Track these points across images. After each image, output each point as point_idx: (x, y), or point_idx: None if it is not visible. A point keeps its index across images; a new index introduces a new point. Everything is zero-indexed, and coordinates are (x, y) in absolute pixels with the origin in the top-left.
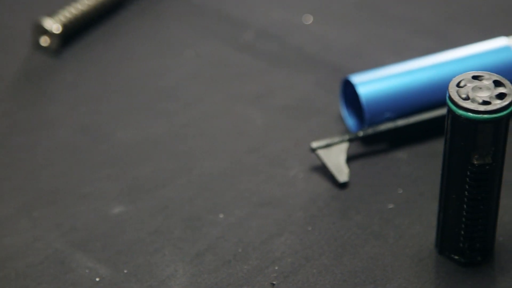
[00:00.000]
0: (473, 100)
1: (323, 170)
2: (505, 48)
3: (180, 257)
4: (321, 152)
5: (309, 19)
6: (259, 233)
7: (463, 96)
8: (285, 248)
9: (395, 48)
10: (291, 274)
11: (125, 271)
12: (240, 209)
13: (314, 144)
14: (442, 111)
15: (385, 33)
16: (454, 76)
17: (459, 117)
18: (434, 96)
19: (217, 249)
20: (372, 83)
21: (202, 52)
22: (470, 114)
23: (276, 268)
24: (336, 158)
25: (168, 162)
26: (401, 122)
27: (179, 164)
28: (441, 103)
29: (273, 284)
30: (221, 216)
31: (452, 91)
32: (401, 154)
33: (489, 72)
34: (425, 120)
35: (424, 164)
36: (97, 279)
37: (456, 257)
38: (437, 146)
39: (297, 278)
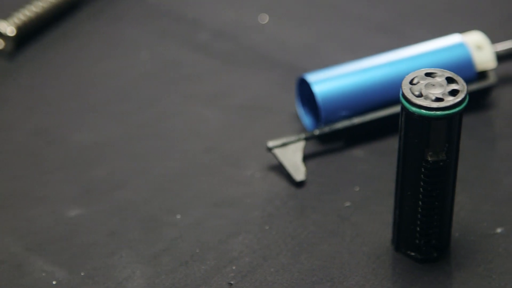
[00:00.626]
0: (426, 97)
1: (280, 169)
2: (459, 45)
3: (137, 259)
4: (277, 151)
5: (264, 19)
6: (216, 233)
7: (416, 93)
8: (242, 247)
9: (351, 46)
10: (249, 273)
11: (82, 274)
12: (197, 210)
13: (271, 143)
14: (398, 109)
15: (341, 31)
16: (409, 74)
17: (412, 114)
18: (389, 93)
19: (174, 250)
20: (327, 82)
21: (157, 52)
22: (423, 111)
23: (234, 267)
24: (292, 157)
25: (124, 163)
26: (357, 120)
27: (135, 166)
28: (396, 101)
29: (231, 284)
30: (178, 216)
31: (405, 88)
32: (358, 152)
33: (442, 69)
34: (381, 118)
35: (381, 161)
36: (54, 282)
37: (413, 254)
38: (393, 143)
39: (255, 277)
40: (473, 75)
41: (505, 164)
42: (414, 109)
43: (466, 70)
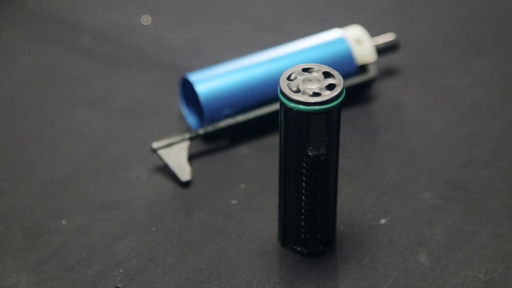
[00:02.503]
0: (304, 92)
1: (166, 170)
2: (339, 40)
3: (23, 267)
4: (162, 152)
5: (147, 20)
6: (102, 237)
7: (294, 89)
8: (129, 250)
9: (234, 44)
10: (136, 276)
11: None
12: (82, 214)
13: (155, 145)
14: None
15: (223, 29)
16: (286, 70)
17: (291, 109)
18: (272, 90)
19: (60, 256)
20: (210, 81)
21: (38, 57)
22: (301, 106)
23: (121, 271)
24: (177, 157)
25: (6, 170)
26: (240, 118)
27: (18, 172)
28: (277, 97)
29: (119, 287)
30: (64, 222)
31: (283, 84)
32: (243, 150)
33: (318, 64)
34: (265, 115)
35: (266, 158)
36: None
37: (299, 248)
38: (277, 140)
39: (142, 280)
40: (353, 69)
41: (387, 156)
42: (292, 104)
43: (346, 64)
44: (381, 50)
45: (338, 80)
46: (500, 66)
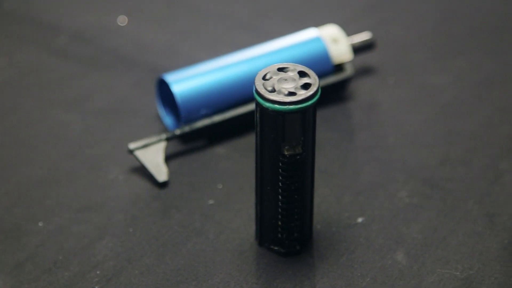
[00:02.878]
0: (279, 92)
1: (143, 171)
2: (316, 39)
3: None
4: (139, 153)
5: (124, 21)
6: (80, 238)
7: (269, 88)
8: (106, 251)
9: (211, 45)
10: (114, 277)
11: None
12: (60, 216)
13: (132, 145)
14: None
15: (200, 30)
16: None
17: (266, 109)
18: (249, 90)
19: (37, 258)
20: (186, 81)
21: (15, 59)
22: (277, 106)
23: (98, 272)
24: (154, 158)
25: None
26: (217, 118)
27: None
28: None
29: None
30: (41, 224)
31: (258, 84)
32: (220, 150)
33: (294, 64)
34: (241, 114)
35: (242, 158)
36: None
37: (276, 248)
38: (254, 139)
39: (120, 281)
40: (330, 68)
41: (364, 155)
42: (267, 104)
43: (323, 64)
44: (357, 49)
45: (313, 79)
46: (476, 64)
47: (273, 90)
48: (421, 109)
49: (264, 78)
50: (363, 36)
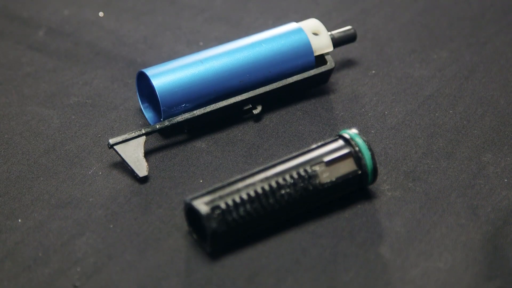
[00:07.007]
0: None
1: (123, 166)
2: (297, 31)
3: None
4: (118, 148)
5: (102, 14)
6: (59, 235)
7: None
8: (87, 248)
9: (191, 38)
10: (94, 273)
11: None
12: (39, 212)
13: (111, 140)
14: (237, 98)
15: (180, 23)
16: (247, 63)
17: None
18: (229, 83)
19: (16, 255)
20: (166, 75)
21: None
22: None
23: (79, 269)
24: (134, 152)
25: None
26: (198, 112)
27: None
28: (235, 90)
29: (76, 286)
30: (19, 221)
31: None
32: (200, 144)
33: None
34: (222, 108)
35: (223, 151)
36: None
37: None
38: (235, 133)
39: (101, 277)
40: (311, 60)
41: None
42: None
43: (304, 56)
44: (338, 41)
45: None
46: (458, 56)
47: None
48: (403, 101)
49: None
50: (344, 29)
